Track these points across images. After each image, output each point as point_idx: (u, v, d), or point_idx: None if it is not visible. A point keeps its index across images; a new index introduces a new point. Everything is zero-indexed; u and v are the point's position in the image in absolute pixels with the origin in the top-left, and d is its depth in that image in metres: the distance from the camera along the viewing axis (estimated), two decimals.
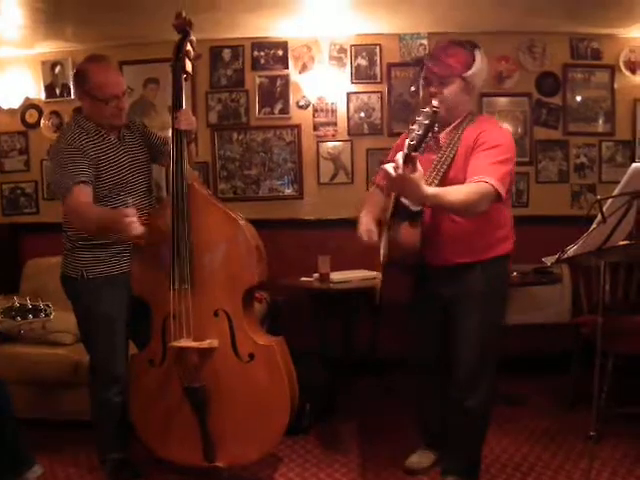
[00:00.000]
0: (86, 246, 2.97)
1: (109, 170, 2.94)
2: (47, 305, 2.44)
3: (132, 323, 3.04)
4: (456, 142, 2.73)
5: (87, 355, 3.19)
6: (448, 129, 2.79)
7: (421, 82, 2.80)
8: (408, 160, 2.24)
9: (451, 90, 2.70)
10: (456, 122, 2.78)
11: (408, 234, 2.67)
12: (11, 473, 2.52)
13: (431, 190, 2.38)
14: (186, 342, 2.82)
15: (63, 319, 3.09)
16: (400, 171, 2.22)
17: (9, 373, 3.41)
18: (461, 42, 2.74)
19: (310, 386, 3.20)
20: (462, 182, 2.58)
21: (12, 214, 4.97)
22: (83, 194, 2.83)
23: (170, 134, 2.90)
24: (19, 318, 2.38)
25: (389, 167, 2.26)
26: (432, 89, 2.72)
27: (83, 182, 2.84)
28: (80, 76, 2.94)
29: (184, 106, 2.91)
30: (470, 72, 2.69)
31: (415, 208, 2.60)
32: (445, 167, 2.71)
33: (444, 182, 2.66)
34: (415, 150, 2.26)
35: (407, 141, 2.27)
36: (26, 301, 2.40)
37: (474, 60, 2.70)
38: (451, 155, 2.72)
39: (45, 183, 4.89)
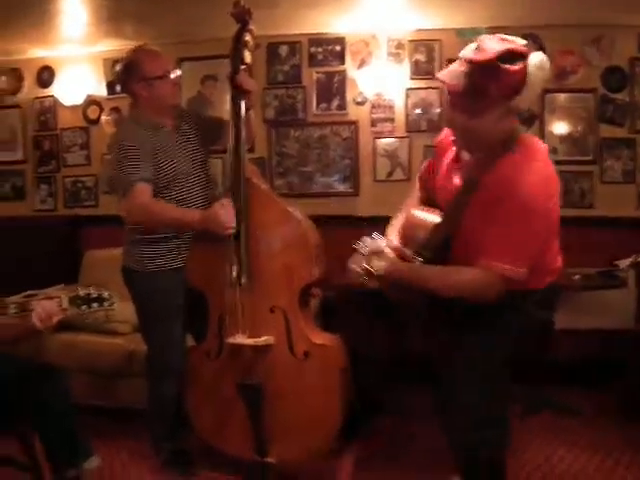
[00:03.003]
0: (146, 239, 3.01)
1: (167, 162, 2.97)
2: (110, 294, 2.45)
3: (190, 316, 3.07)
4: (477, 182, 2.19)
5: (143, 345, 3.25)
6: (477, 157, 2.24)
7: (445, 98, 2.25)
8: None
9: (484, 121, 2.08)
10: (489, 151, 2.19)
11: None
12: (68, 463, 2.55)
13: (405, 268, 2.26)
14: (242, 339, 2.84)
15: (121, 309, 3.13)
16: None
17: (67, 361, 3.51)
18: (513, 52, 2.02)
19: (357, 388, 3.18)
20: (474, 241, 2.17)
21: (73, 206, 5.11)
22: (144, 192, 2.89)
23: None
24: (84, 307, 2.39)
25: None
26: (456, 117, 2.13)
27: (144, 180, 2.89)
28: (131, 66, 2.99)
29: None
30: (517, 98, 2.05)
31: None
32: (460, 214, 2.24)
33: (457, 236, 2.27)
34: None
35: None
36: (90, 290, 2.42)
37: (525, 80, 2.03)
38: (468, 198, 2.21)
39: (105, 177, 5.00)
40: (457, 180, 2.28)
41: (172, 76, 3.01)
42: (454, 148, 2.32)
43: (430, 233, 2.31)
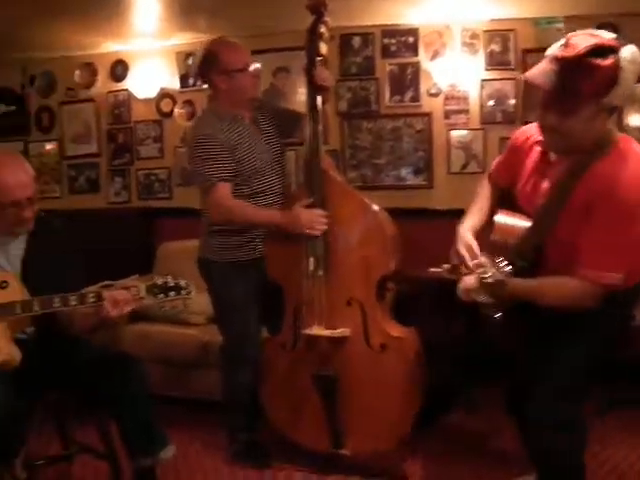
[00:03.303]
0: (223, 231, 3.04)
1: (246, 156, 2.99)
2: (187, 283, 2.49)
3: (265, 308, 3.09)
4: (571, 185, 2.09)
5: (217, 336, 3.29)
6: (569, 159, 2.12)
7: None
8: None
9: (577, 120, 1.98)
10: (582, 153, 2.07)
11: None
12: (145, 452, 2.58)
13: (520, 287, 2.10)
14: (318, 330, 2.85)
15: (195, 300, 3.15)
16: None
17: (142, 352, 3.54)
18: (603, 46, 1.91)
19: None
20: (570, 247, 2.09)
21: (146, 198, 5.19)
22: (225, 191, 2.92)
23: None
24: (161, 295, 2.44)
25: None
26: (548, 118, 2.02)
27: (224, 179, 2.91)
28: (210, 59, 3.00)
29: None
30: (610, 95, 1.93)
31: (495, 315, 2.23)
32: (552, 219, 2.14)
33: (550, 242, 2.18)
34: None
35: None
36: (168, 279, 2.46)
37: (617, 75, 1.91)
38: (562, 203, 2.11)
39: (178, 169, 5.05)
40: (545, 183, 2.19)
41: (252, 69, 3.01)
42: (538, 149, 2.23)
43: (520, 240, 2.21)
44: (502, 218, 2.32)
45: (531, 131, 2.27)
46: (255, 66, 3.08)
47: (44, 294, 2.41)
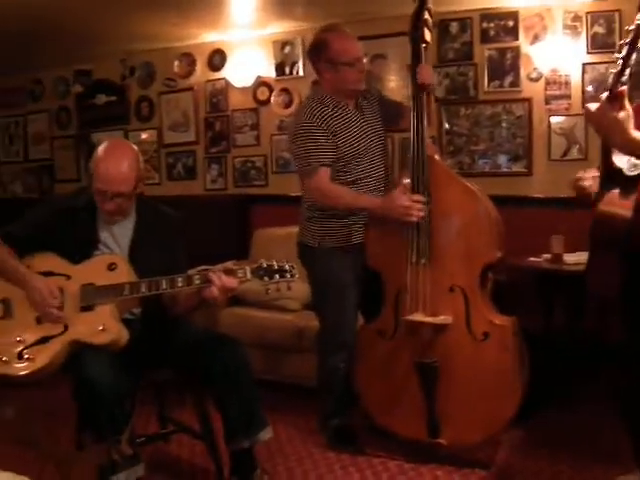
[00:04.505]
0: (323, 216, 3.02)
1: (349, 142, 2.96)
2: (292, 266, 2.46)
3: (362, 294, 3.05)
4: None
5: (312, 322, 3.30)
6: None
7: None
8: (612, 98, 1.87)
9: None
10: None
11: (617, 205, 2.16)
12: (245, 432, 2.57)
13: None
14: (420, 317, 2.80)
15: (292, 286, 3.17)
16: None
17: (238, 335, 3.53)
18: None
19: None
20: None
21: (243, 186, 5.23)
22: (326, 177, 2.89)
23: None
24: (267, 278, 2.42)
25: (590, 105, 1.93)
26: None
27: (325, 164, 2.88)
28: (319, 46, 2.97)
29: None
30: None
31: (630, 172, 2.11)
32: None
33: None
34: (619, 82, 1.87)
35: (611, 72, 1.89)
36: (273, 262, 2.44)
37: None
38: None
39: (274, 157, 5.08)
40: None
41: (360, 63, 2.96)
42: None
43: None
44: None
45: None
46: (364, 61, 3.04)
47: (150, 276, 2.45)
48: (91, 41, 5.06)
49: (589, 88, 4.21)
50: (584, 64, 4.22)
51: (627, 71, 1.86)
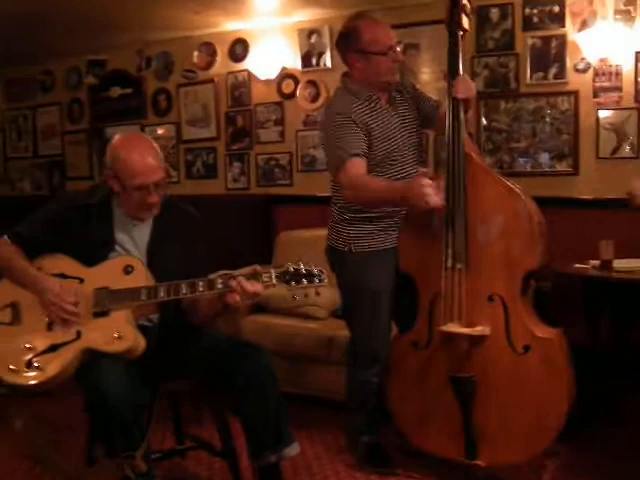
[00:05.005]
0: (355, 219, 3.02)
1: (381, 138, 2.96)
2: (321, 270, 2.45)
3: (396, 303, 3.04)
4: None
5: (341, 331, 3.31)
6: None
7: None
8: None
9: None
10: None
11: None
12: (272, 447, 2.58)
13: None
14: (456, 327, 2.78)
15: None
16: None
17: (262, 344, 3.58)
18: None
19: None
20: None
21: (266, 185, 5.26)
22: (358, 167, 2.87)
23: (446, 102, 2.86)
24: (293, 283, 2.42)
25: None
26: None
27: (357, 155, 2.87)
28: (349, 35, 2.97)
29: (461, 72, 2.86)
30: None
31: None
32: None
33: None
34: None
35: None
36: (300, 265, 2.43)
37: None
38: None
39: (300, 154, 5.10)
40: None
41: (393, 53, 2.95)
42: None
43: None
44: None
45: None
46: (398, 49, 3.02)
47: (169, 280, 2.47)
48: (105, 29, 5.13)
49: None
50: (637, 53, 4.18)
51: None
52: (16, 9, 4.43)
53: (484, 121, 4.53)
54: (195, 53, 5.41)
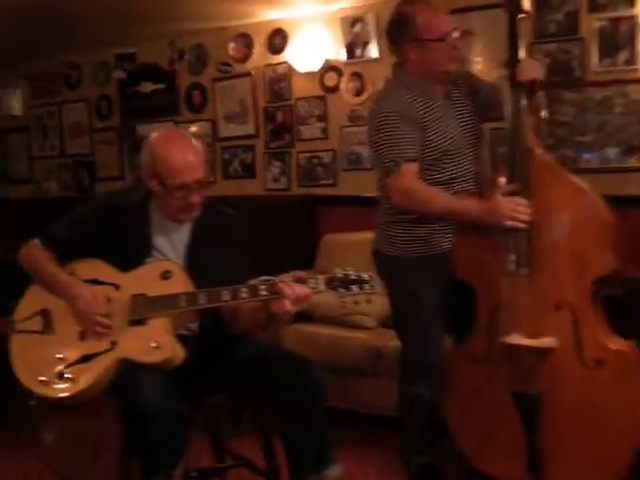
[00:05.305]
0: (406, 220, 3.00)
1: (437, 135, 2.94)
2: (371, 276, 2.45)
3: (451, 312, 3.03)
4: None
5: (390, 341, 3.33)
6: None
7: None
8: None
9: None
10: None
11: None
12: (314, 468, 2.58)
13: None
14: (519, 339, 2.75)
15: None
16: None
17: (305, 354, 3.61)
18: None
19: None
20: None
21: (308, 185, 5.26)
22: (412, 173, 2.87)
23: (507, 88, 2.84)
24: (342, 290, 2.41)
25: None
26: None
27: (411, 159, 2.87)
28: (402, 22, 2.96)
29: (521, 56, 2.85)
30: None
31: None
32: None
33: None
34: None
35: None
36: (349, 271, 2.43)
37: None
38: None
39: (344, 152, 5.09)
40: None
41: (451, 39, 2.94)
42: None
43: None
44: None
45: None
46: (456, 35, 3.00)
47: (209, 286, 2.48)
48: (135, 20, 5.16)
49: None
50: None
51: None
52: (42, 2, 4.49)
53: (545, 113, 4.47)
54: (231, 45, 5.44)
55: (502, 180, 2.83)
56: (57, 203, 6.09)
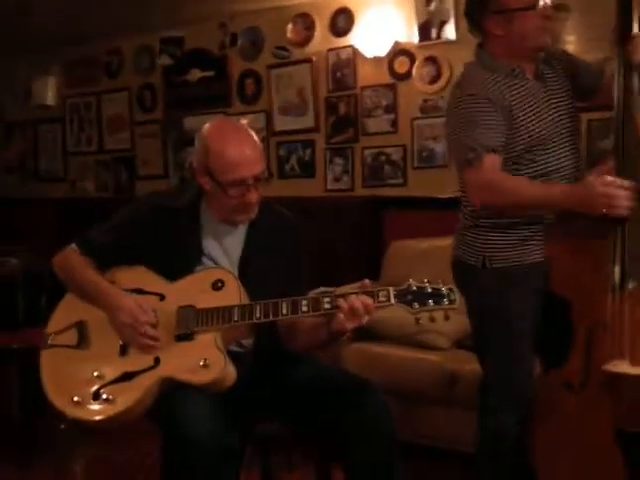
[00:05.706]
0: (491, 225, 2.92)
1: (527, 122, 2.85)
2: (450, 289, 2.40)
3: (541, 331, 2.93)
4: None
5: (469, 364, 3.32)
6: None
7: None
8: None
9: None
10: None
11: None
12: None
13: None
14: (624, 367, 2.63)
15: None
16: None
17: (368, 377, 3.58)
18: None
19: None
20: None
21: (374, 185, 5.24)
22: (496, 165, 2.79)
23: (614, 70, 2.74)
24: (416, 305, 2.37)
25: None
26: None
27: (495, 149, 2.79)
28: None
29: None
30: None
31: None
32: None
33: None
34: None
35: None
36: (424, 283, 2.39)
37: None
38: None
39: (416, 148, 5.05)
40: None
41: (540, 7, 2.82)
42: None
43: None
44: None
45: None
46: (547, 2, 2.88)
47: (264, 297, 2.45)
48: (182, 0, 5.18)
49: None
50: None
51: None
52: None
53: None
54: (289, 27, 5.45)
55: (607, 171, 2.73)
56: (93, 204, 6.16)
